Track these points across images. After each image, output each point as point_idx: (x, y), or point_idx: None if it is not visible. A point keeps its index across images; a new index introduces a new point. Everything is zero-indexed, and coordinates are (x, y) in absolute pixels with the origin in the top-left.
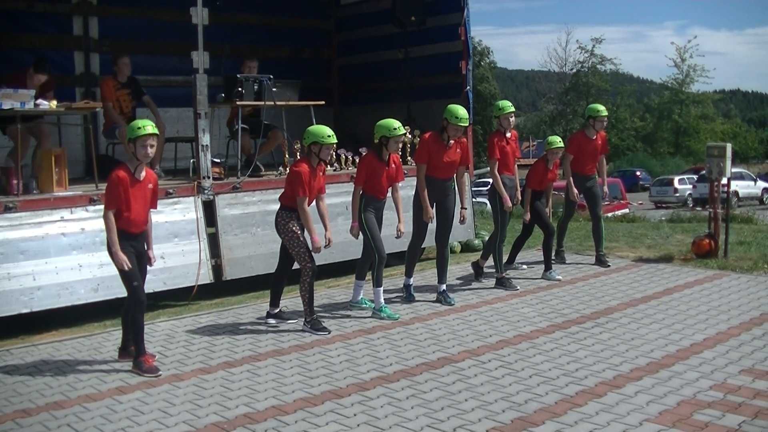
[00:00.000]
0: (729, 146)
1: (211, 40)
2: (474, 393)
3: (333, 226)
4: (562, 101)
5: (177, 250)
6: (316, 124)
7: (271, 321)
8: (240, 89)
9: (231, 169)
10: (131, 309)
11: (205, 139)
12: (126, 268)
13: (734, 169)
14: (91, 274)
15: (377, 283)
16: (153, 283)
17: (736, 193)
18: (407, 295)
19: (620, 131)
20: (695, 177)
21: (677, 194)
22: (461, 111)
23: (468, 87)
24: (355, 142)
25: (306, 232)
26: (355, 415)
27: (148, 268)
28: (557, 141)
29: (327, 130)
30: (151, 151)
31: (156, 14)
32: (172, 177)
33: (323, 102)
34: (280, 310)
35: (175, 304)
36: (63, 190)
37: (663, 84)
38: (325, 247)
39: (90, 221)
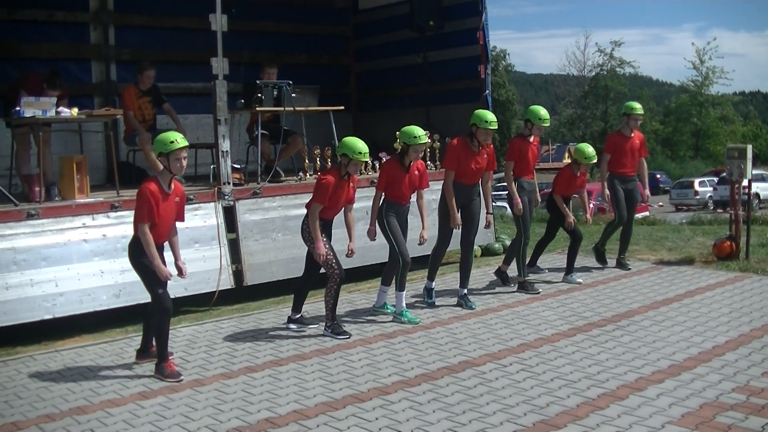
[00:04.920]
0: (749, 147)
1: (230, 47)
2: (495, 397)
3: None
4: (581, 105)
5: (198, 255)
6: (335, 129)
7: (293, 326)
8: (259, 95)
9: (251, 175)
10: (156, 315)
11: (225, 145)
12: (169, 278)
13: (755, 171)
14: (112, 280)
15: (400, 287)
16: (174, 289)
17: (757, 195)
18: (428, 298)
19: None
20: (716, 179)
21: (698, 197)
22: (490, 115)
23: (487, 91)
24: (374, 147)
25: (317, 239)
26: (376, 419)
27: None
28: (593, 156)
29: (361, 147)
30: (184, 164)
31: (174, 22)
32: (192, 183)
33: (342, 107)
34: (301, 315)
35: (197, 310)
36: (84, 197)
37: (682, 86)
38: (347, 256)
39: (111, 228)
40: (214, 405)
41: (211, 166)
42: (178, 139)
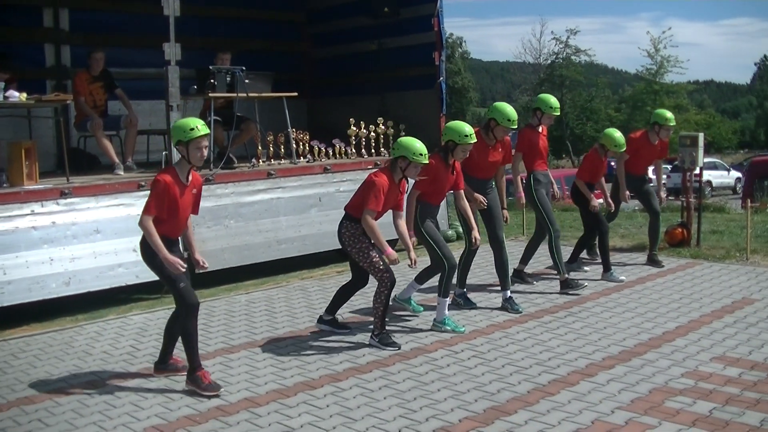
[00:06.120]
0: (701, 136)
1: (184, 32)
2: (447, 383)
3: (305, 218)
4: (537, 92)
5: None
6: (288, 116)
7: (324, 327)
8: (212, 81)
9: (204, 162)
10: (181, 314)
11: None
12: (181, 271)
13: (707, 159)
14: (62, 267)
15: (444, 293)
16: (125, 276)
17: (709, 182)
18: (512, 306)
19: (595, 122)
20: (669, 167)
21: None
22: (511, 112)
23: (441, 78)
24: (329, 134)
25: (383, 246)
26: (327, 406)
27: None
28: (622, 145)
29: (419, 147)
30: (205, 153)
31: (128, 6)
32: (144, 170)
33: (296, 93)
34: (334, 318)
35: (148, 298)
36: (33, 183)
37: (637, 74)
38: (410, 266)
39: (61, 215)
40: (164, 393)
41: (164, 153)
42: (199, 126)
